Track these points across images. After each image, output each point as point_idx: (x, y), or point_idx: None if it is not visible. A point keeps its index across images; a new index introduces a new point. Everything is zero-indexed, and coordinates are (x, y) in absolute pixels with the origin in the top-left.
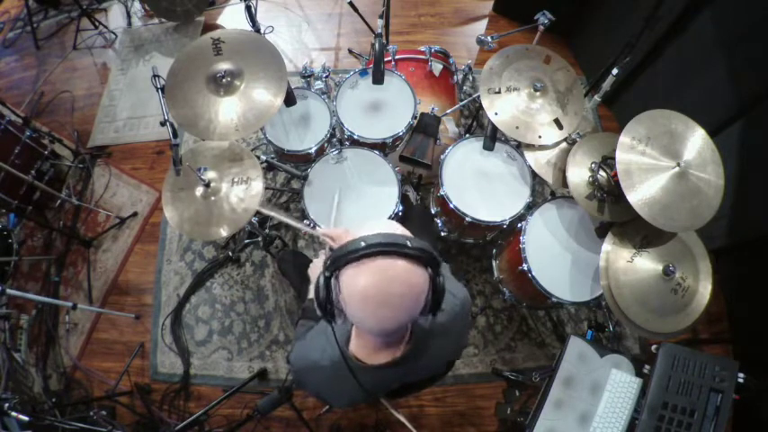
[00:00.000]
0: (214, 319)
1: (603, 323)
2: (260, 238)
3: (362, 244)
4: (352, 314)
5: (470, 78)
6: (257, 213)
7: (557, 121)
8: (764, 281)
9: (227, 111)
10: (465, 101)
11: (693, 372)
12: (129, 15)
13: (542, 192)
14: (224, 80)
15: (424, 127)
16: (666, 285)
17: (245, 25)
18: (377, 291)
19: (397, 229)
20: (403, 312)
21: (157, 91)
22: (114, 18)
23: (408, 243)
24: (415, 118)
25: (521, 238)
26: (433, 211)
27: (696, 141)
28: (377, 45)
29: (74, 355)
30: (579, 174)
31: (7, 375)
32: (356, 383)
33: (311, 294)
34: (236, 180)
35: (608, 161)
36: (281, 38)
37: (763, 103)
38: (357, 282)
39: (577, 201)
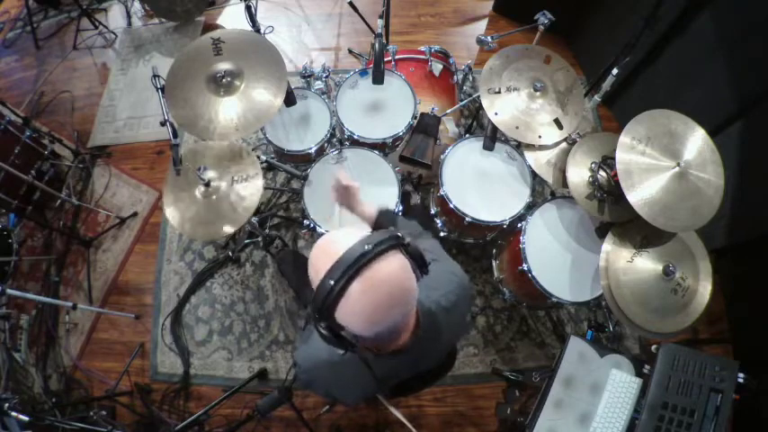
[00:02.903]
0: (214, 319)
1: (603, 323)
2: (260, 238)
3: (332, 282)
4: (368, 337)
5: (470, 78)
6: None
7: (557, 121)
8: (764, 281)
9: (228, 111)
10: (465, 101)
11: (693, 372)
12: (129, 15)
13: (542, 192)
14: (224, 80)
15: (424, 127)
16: (666, 285)
17: (246, 25)
18: (376, 307)
19: (348, 233)
20: (409, 299)
21: (157, 91)
22: (114, 18)
23: (367, 247)
24: (415, 118)
25: (521, 238)
26: (432, 211)
27: (696, 141)
28: (377, 45)
29: (74, 355)
30: (579, 174)
31: (7, 375)
32: (368, 375)
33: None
34: (236, 179)
35: (608, 161)
36: (281, 38)
37: (763, 103)
38: (354, 314)
39: (577, 201)
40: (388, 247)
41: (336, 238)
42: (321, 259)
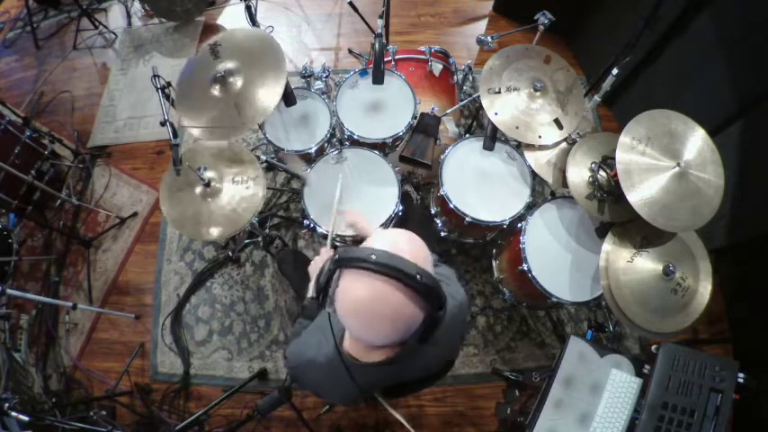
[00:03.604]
0: (214, 319)
1: (603, 323)
2: (260, 238)
3: (373, 257)
4: (339, 314)
5: (470, 78)
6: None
7: (557, 121)
8: (764, 281)
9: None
10: (465, 101)
11: (693, 372)
12: (129, 15)
13: (542, 192)
14: (225, 79)
15: (424, 127)
16: (666, 285)
17: (245, 25)
18: (367, 309)
19: (417, 250)
20: (389, 333)
21: (157, 91)
22: (114, 18)
23: (418, 276)
24: (415, 118)
25: (521, 238)
26: (432, 211)
27: (696, 141)
28: (377, 45)
29: (74, 355)
30: (579, 174)
31: (7, 375)
32: (351, 380)
33: (311, 293)
34: (235, 180)
35: (608, 161)
36: (281, 38)
37: (763, 103)
38: (352, 291)
39: (577, 201)
40: (423, 295)
41: (414, 245)
42: (384, 239)
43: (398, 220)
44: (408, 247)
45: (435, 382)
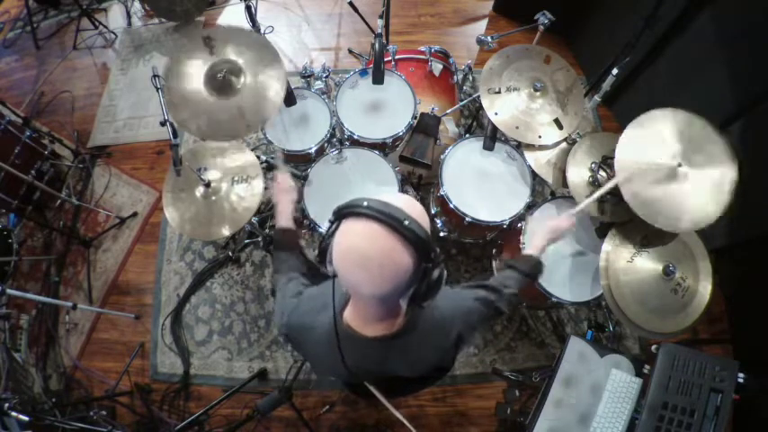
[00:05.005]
0: (214, 319)
1: (603, 323)
2: (260, 238)
3: (365, 203)
4: (335, 264)
5: (470, 78)
6: None
7: (557, 121)
8: (764, 281)
9: (234, 108)
10: (465, 101)
11: (693, 372)
12: (129, 15)
13: (542, 192)
14: (224, 78)
15: (424, 127)
16: (666, 285)
17: (245, 25)
18: (357, 252)
19: (409, 205)
20: (381, 282)
21: (157, 91)
22: (114, 18)
23: (405, 222)
24: (415, 118)
25: (521, 237)
26: (433, 211)
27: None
28: (377, 45)
29: (74, 355)
30: (579, 174)
31: (7, 375)
32: (338, 355)
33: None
34: (236, 179)
35: (608, 161)
36: (281, 38)
37: (763, 103)
38: (345, 236)
39: (577, 201)
40: (414, 243)
41: (411, 203)
42: (384, 197)
43: None
44: (404, 204)
45: (429, 386)
